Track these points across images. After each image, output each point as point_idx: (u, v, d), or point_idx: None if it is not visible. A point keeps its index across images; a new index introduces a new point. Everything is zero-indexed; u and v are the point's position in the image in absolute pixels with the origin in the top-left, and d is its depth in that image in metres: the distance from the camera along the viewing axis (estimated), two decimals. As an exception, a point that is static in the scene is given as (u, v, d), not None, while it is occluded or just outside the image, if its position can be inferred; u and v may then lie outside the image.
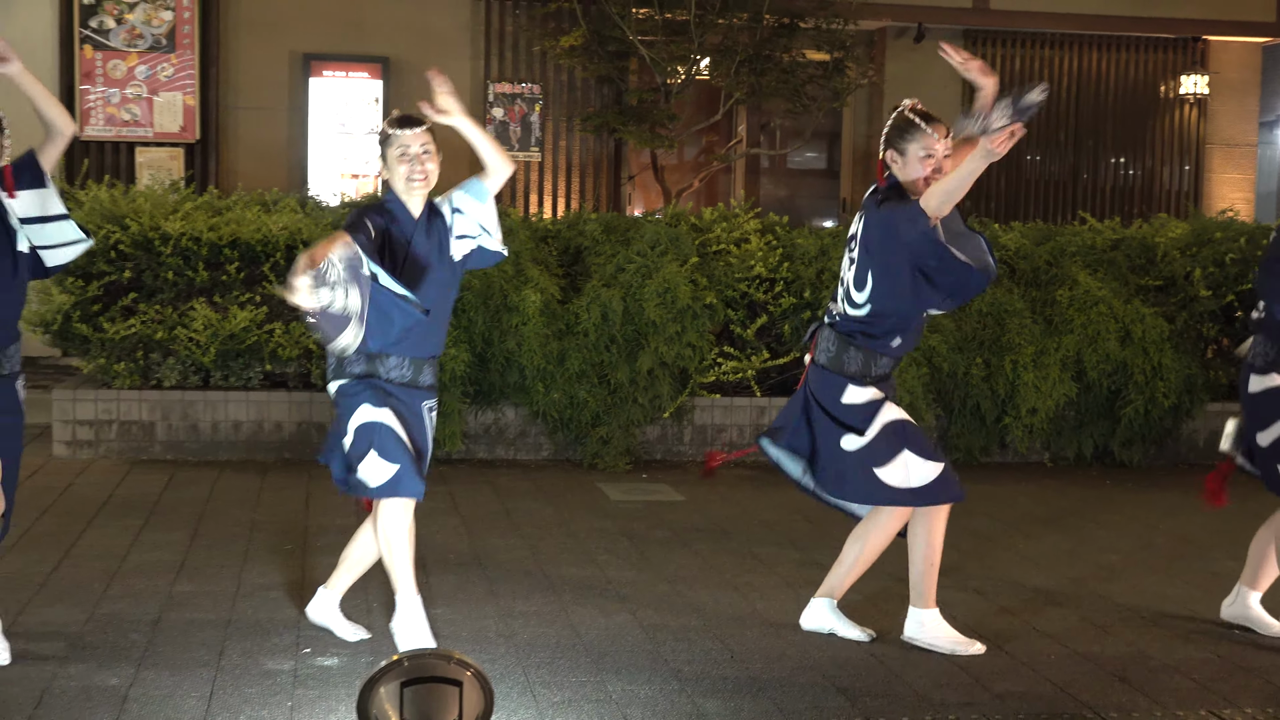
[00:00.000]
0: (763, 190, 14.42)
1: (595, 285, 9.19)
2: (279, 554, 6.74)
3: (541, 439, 9.43)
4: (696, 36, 11.80)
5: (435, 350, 5.30)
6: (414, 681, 3.35)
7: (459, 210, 5.28)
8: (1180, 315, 9.84)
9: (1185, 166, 14.86)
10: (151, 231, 9.10)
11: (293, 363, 9.36)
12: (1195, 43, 14.58)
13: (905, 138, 5.25)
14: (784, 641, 5.54)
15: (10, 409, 5.14)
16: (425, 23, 12.88)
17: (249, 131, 12.76)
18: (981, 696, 4.95)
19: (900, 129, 5.27)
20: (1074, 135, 14.40)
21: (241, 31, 12.70)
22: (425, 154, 5.21)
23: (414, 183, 5.21)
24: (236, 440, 9.23)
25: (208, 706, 4.66)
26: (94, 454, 9.13)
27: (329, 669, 5.08)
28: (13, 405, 5.15)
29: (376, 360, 5.17)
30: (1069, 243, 10.02)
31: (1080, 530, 7.72)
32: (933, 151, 5.20)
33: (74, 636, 5.37)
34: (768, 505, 8.16)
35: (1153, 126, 14.70)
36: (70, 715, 4.54)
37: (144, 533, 7.12)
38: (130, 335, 9.11)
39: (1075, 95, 14.39)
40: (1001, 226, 10.48)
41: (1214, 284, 9.83)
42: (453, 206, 5.28)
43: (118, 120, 12.24)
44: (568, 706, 4.75)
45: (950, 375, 9.26)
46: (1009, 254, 9.84)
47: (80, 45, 12.17)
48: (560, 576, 6.45)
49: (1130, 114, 14.59)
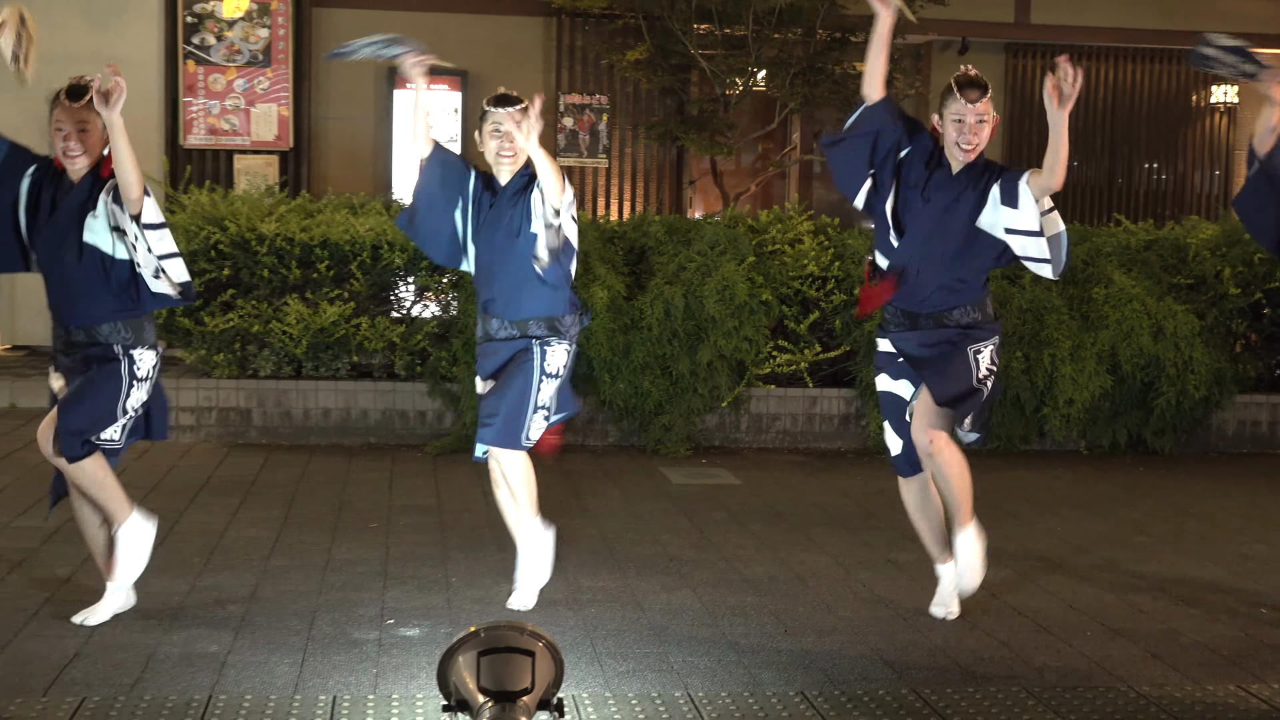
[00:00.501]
0: (815, 194, 14.35)
1: (658, 283, 9.18)
2: (365, 532, 6.77)
3: (608, 426, 9.43)
4: (754, 50, 11.76)
5: (537, 312, 5.36)
6: (490, 651, 3.35)
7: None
8: (1210, 312, 9.73)
9: (1215, 171, 14.67)
10: (248, 233, 9.17)
11: (377, 354, 9.40)
12: (1226, 54, 14.37)
13: (943, 101, 5.31)
14: (834, 616, 5.51)
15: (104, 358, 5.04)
16: (502, 39, 12.89)
17: (338, 140, 12.83)
18: (1022, 670, 4.91)
19: (942, 93, 5.35)
20: (1110, 142, 14.24)
21: (332, 47, 12.76)
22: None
23: (503, 158, 5.30)
24: (326, 426, 9.28)
25: (299, 673, 4.68)
26: (195, 438, 9.22)
27: (411, 639, 5.10)
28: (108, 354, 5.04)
29: (484, 321, 5.43)
30: (1104, 243, 9.91)
31: (1114, 514, 7.63)
32: (960, 116, 5.22)
33: (177, 606, 5.43)
34: (819, 489, 8.13)
35: (1184, 134, 14.52)
36: (174, 680, 4.58)
37: (241, 511, 7.18)
38: (229, 329, 9.18)
39: (1111, 105, 14.22)
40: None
41: (1243, 282, 9.69)
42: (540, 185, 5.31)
43: (217, 130, 12.34)
44: (632, 676, 4.75)
45: (992, 368, 9.18)
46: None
47: (184, 61, 12.27)
48: (625, 554, 6.44)
49: (1163, 122, 14.41)
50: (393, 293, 9.60)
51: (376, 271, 9.34)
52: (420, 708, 4.37)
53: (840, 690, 4.64)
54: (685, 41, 11.81)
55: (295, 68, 12.48)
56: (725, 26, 11.78)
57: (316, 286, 9.31)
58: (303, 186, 12.37)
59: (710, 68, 11.91)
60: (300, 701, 4.41)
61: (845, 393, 9.60)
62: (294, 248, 9.17)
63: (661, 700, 4.51)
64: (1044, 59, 13.99)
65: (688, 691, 4.60)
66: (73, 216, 4.99)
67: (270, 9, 12.36)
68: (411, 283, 9.55)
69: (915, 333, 5.35)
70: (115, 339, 5.05)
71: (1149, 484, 8.62)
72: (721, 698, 4.55)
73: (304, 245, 9.18)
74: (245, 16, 12.39)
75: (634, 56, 12.14)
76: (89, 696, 4.38)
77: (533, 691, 3.34)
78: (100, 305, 5.04)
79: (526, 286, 5.35)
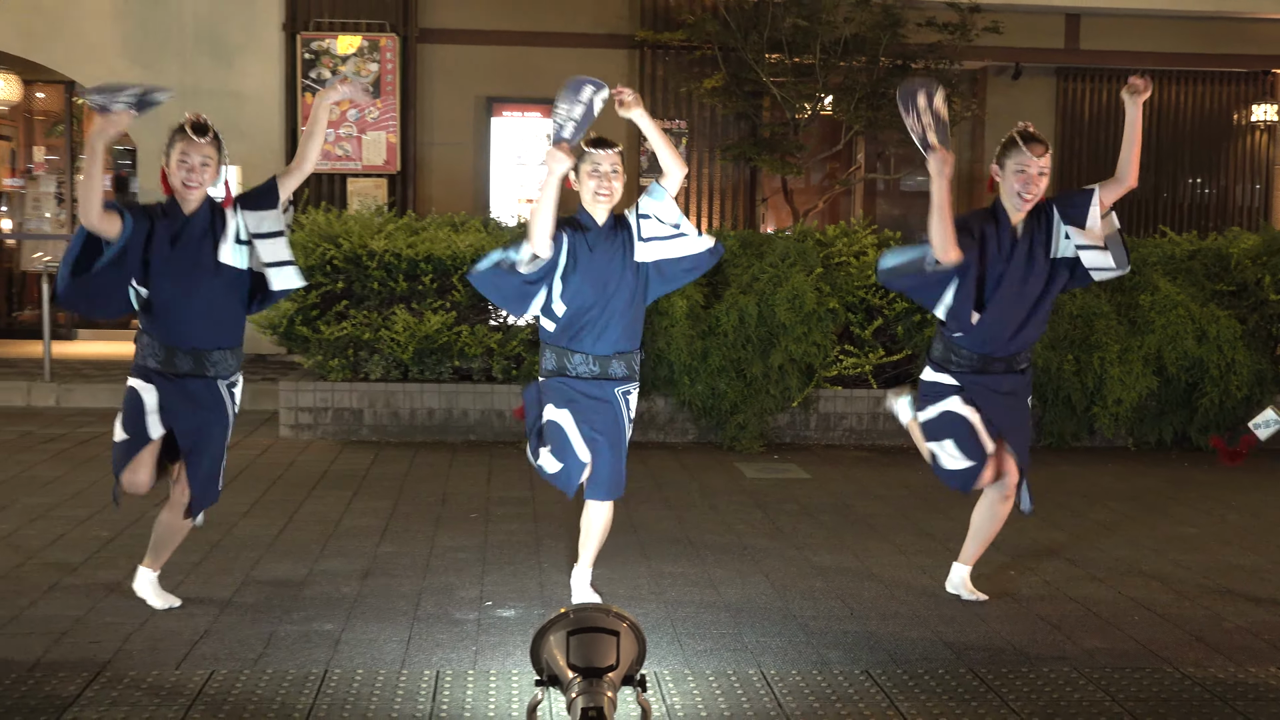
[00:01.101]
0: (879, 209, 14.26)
1: (733, 292, 9.17)
2: (465, 521, 6.81)
3: (687, 424, 9.43)
4: (821, 77, 11.71)
5: (622, 347, 5.18)
6: (578, 631, 3.37)
7: (645, 215, 5.22)
8: (1251, 317, 9.56)
9: (1256, 185, 14.39)
10: (360, 249, 9.26)
11: (477, 359, 9.46)
12: (1265, 76, 14.12)
13: (1006, 153, 5.22)
14: (897, 601, 5.47)
15: (212, 405, 4.99)
16: (590, 70, 12.82)
17: (440, 164, 12.93)
18: (1072, 651, 4.84)
19: (1004, 146, 5.25)
20: (1155, 158, 14.01)
21: (435, 79, 12.87)
22: (614, 173, 5.21)
23: (600, 197, 5.21)
24: (430, 425, 9.36)
25: (406, 650, 4.72)
26: (313, 436, 9.32)
27: (507, 620, 5.12)
28: (215, 402, 5.00)
29: (564, 356, 5.17)
30: (1151, 253, 9.76)
31: (1161, 506, 7.51)
32: (1024, 167, 5.14)
33: (296, 588, 5.48)
34: (883, 483, 8.07)
35: (1227, 150, 14.26)
36: (293, 656, 4.64)
37: (354, 502, 7.25)
38: (342, 336, 9.28)
39: (1156, 123, 14.00)
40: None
41: (1283, 289, 9.52)
42: (638, 214, 5.23)
43: (332, 155, 12.48)
44: (709, 654, 4.74)
45: (1045, 370, 9.08)
46: (1097, 264, 9.62)
47: (302, 93, 12.43)
48: (703, 542, 6.44)
49: (1206, 139, 14.16)
50: (490, 303, 9.66)
51: (475, 283, 9.40)
52: (515, 682, 4.39)
53: (902, 669, 4.61)
54: (758, 70, 11.78)
55: (402, 99, 12.59)
56: (795, 56, 11.75)
57: (421, 297, 9.39)
58: (409, 206, 12.49)
59: (781, 94, 11.87)
60: (406, 676, 4.44)
61: (907, 393, 9.52)
62: (401, 262, 9.25)
63: (736, 677, 4.50)
64: (1093, 82, 13.81)
65: (760, 669, 4.58)
66: (203, 242, 4.93)
67: (379, 46, 12.48)
68: (507, 294, 9.59)
69: (986, 377, 5.26)
70: (221, 369, 5.00)
71: (1193, 478, 8.47)
72: (791, 675, 4.53)
73: (410, 260, 9.26)
74: (357, 53, 12.52)
75: (710, 84, 12.13)
76: (216, 670, 4.45)
77: (617, 668, 3.36)
78: (224, 326, 5.01)
79: (627, 318, 5.22)
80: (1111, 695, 4.38)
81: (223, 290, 4.97)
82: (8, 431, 9.27)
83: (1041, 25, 13.25)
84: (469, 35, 12.78)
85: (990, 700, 4.32)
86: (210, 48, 12.39)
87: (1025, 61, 13.37)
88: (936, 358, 5.35)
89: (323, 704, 4.15)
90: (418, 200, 12.67)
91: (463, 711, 4.12)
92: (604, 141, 5.27)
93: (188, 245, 4.90)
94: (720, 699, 4.28)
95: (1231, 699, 4.37)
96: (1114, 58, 13.51)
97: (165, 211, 4.93)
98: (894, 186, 14.35)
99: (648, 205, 5.22)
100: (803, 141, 12.34)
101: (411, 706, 4.15)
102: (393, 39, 12.49)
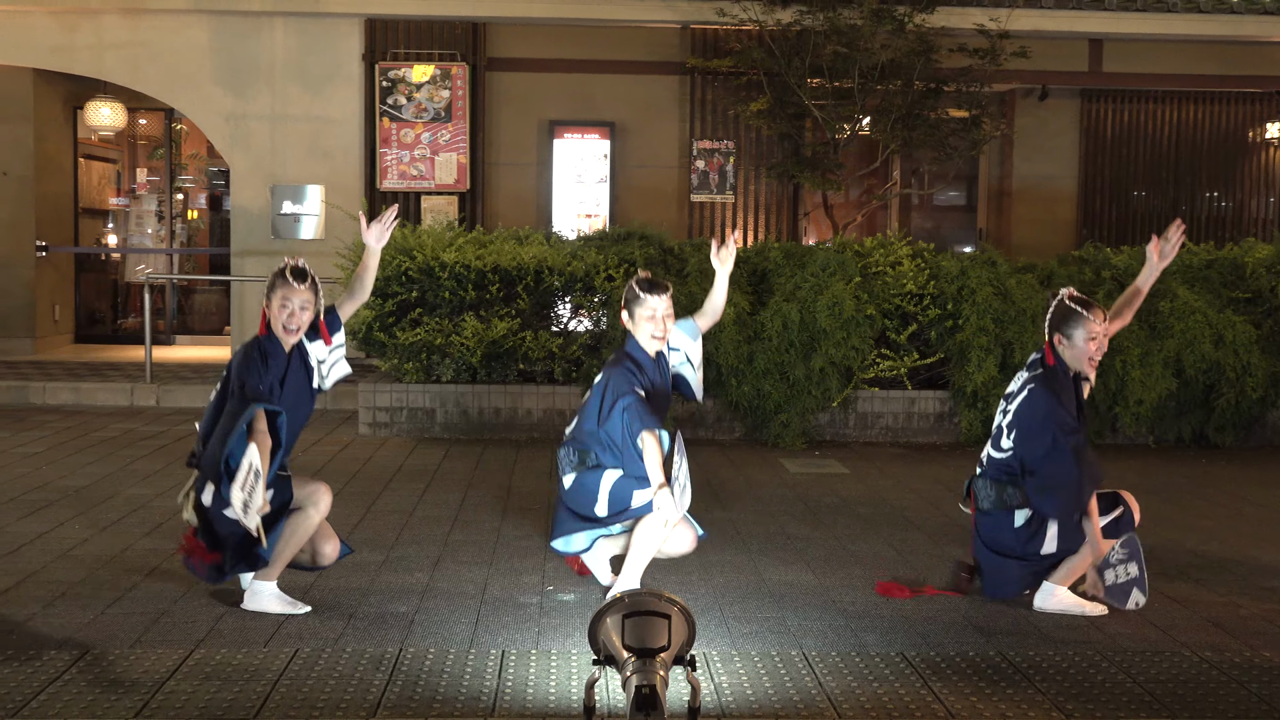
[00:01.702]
0: (913, 223, 14.14)
1: (777, 300, 9.13)
2: (529, 512, 6.82)
3: (734, 423, 9.40)
4: (859, 100, 11.64)
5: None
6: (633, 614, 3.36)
7: (674, 349, 5.41)
8: (1266, 322, 9.41)
9: (1270, 198, 14.14)
10: (432, 261, 9.31)
11: (540, 362, 9.48)
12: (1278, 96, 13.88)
13: (1071, 323, 5.06)
14: (931, 588, 5.42)
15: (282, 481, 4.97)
16: (644, 94, 12.92)
17: (506, 182, 12.96)
18: (1095, 636, 4.78)
19: (1065, 316, 5.07)
20: (1174, 173, 13.80)
21: (501, 104, 12.90)
22: (668, 316, 5.25)
23: (655, 339, 5.29)
24: (497, 423, 9.38)
25: (474, 631, 4.73)
26: (389, 433, 9.38)
27: (568, 603, 5.12)
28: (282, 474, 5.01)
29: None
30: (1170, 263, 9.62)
31: (1180, 501, 7.40)
32: (1095, 334, 5.03)
33: (374, 573, 5.51)
34: (918, 478, 8.00)
35: (1242, 166, 14.02)
36: (370, 635, 4.66)
37: (427, 494, 7.28)
38: (416, 341, 9.33)
39: (1175, 141, 13.79)
40: (1113, 250, 10.13)
41: (1296, 296, 9.36)
42: (670, 346, 5.39)
43: (408, 175, 12.55)
44: (754, 637, 4.71)
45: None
46: (1119, 272, 9.50)
47: (380, 118, 12.50)
48: (749, 533, 6.41)
49: (1222, 155, 13.93)
50: (552, 310, 9.68)
51: (539, 292, 9.42)
52: (575, 661, 4.39)
53: (935, 651, 4.56)
54: (800, 94, 11.73)
55: (471, 122, 12.64)
56: (835, 80, 11.68)
57: (489, 305, 9.42)
58: (477, 221, 12.52)
59: (822, 115, 11.81)
60: (474, 655, 4.45)
61: (940, 394, 9.45)
62: (470, 273, 9.28)
63: (779, 658, 4.47)
64: (1115, 103, 13.63)
65: (802, 650, 4.55)
66: (306, 375, 5.05)
67: (450, 74, 12.53)
68: (568, 301, 9.61)
69: None
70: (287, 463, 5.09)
71: (1211, 474, 8.34)
72: (831, 656, 4.49)
73: (478, 271, 9.29)
74: (430, 80, 12.58)
75: (756, 107, 12.08)
76: (301, 648, 4.48)
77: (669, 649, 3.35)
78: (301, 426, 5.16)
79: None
80: (1133, 678, 4.31)
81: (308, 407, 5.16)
82: (113, 429, 9.39)
83: (1067, 50, 13.09)
84: (533, 64, 12.80)
85: (1018, 681, 4.27)
86: (300, 79, 12.50)
87: (1051, 84, 13.22)
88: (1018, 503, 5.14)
89: (397, 681, 4.17)
90: (486, 216, 12.70)
91: (526, 688, 4.12)
92: (656, 285, 5.29)
93: (294, 381, 5.01)
94: (764, 678, 4.26)
95: (1247, 682, 4.29)
96: (1135, 80, 13.33)
97: (269, 353, 4.95)
98: (927, 201, 14.23)
99: (678, 339, 5.41)
100: (842, 160, 12.25)
101: (479, 683, 4.16)
102: (463, 68, 12.54)
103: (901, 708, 4.01)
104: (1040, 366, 5.13)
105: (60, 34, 12.37)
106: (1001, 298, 9.19)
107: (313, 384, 5.09)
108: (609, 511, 5.11)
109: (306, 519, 4.94)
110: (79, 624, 4.69)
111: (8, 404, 10.58)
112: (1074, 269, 9.70)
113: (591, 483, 5.12)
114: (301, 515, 4.93)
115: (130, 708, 3.88)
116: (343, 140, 12.58)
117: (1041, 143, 13.45)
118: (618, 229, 10.43)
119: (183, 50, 12.43)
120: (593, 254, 9.44)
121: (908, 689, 4.17)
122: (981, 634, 4.78)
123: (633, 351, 5.26)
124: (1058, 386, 5.07)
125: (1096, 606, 5.06)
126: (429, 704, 3.96)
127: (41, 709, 3.86)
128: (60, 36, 12.37)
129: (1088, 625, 4.90)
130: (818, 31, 11.56)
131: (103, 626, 4.67)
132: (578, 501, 5.17)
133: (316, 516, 4.96)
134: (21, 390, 10.72)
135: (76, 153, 14.05)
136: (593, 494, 5.11)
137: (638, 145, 12.95)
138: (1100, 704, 4.06)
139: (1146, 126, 13.67)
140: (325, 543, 5.12)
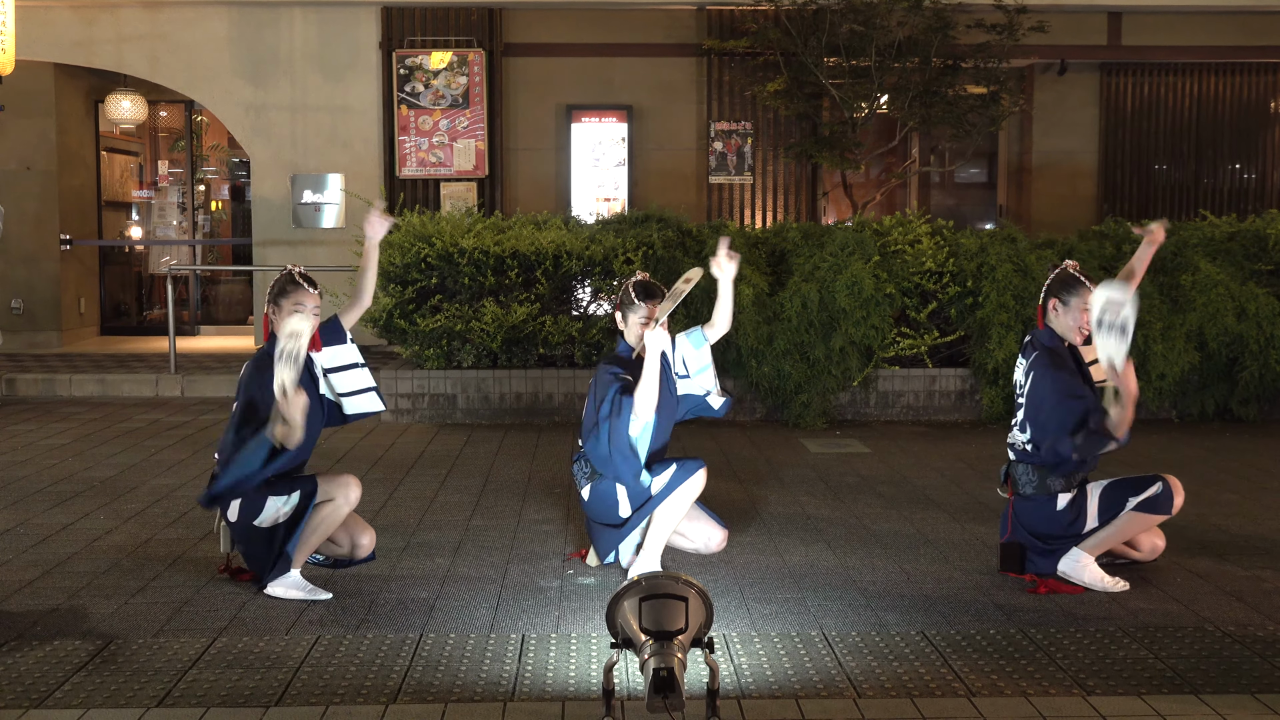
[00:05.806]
0: (932, 201, 14.05)
1: (796, 280, 9.08)
2: (550, 496, 6.82)
3: (755, 403, 9.37)
4: (877, 78, 11.56)
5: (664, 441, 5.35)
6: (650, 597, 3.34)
7: (682, 376, 5.41)
8: (1289, 294, 9.31)
9: (1293, 170, 14.00)
10: (451, 247, 9.30)
11: (560, 347, 9.46)
12: (1300, 66, 13.73)
13: (1070, 290, 5.03)
14: (951, 566, 5.39)
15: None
16: (661, 77, 12.87)
17: (525, 167, 12.94)
18: (1118, 612, 4.73)
19: (1065, 282, 5.06)
20: (1195, 146, 13.66)
21: (519, 90, 12.87)
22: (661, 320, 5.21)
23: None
24: (518, 408, 9.38)
25: (494, 615, 4.73)
26: (411, 420, 9.39)
27: (587, 587, 5.11)
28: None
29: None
30: (1191, 236, 9.55)
31: (1203, 474, 7.33)
32: (1089, 305, 4.93)
33: (395, 559, 5.52)
34: (939, 456, 7.96)
35: (1264, 137, 13.86)
36: (392, 620, 4.66)
37: (448, 479, 7.28)
38: (437, 328, 9.33)
39: (1196, 113, 13.64)
40: (1135, 223, 10.04)
41: (1319, 267, 9.25)
42: (677, 373, 5.39)
43: (426, 162, 12.54)
44: (775, 617, 4.69)
45: (1091, 348, 8.92)
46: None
47: (398, 106, 12.49)
48: (770, 513, 6.38)
49: (1243, 127, 13.78)
50: (571, 295, 9.66)
51: (558, 277, 9.41)
52: (594, 645, 4.38)
53: (956, 630, 4.53)
54: (817, 73, 11.65)
55: (489, 108, 12.62)
56: (852, 59, 11.61)
57: (508, 291, 9.41)
58: (496, 207, 12.51)
59: (839, 94, 11.74)
60: (495, 639, 4.44)
61: (961, 372, 9.39)
62: (489, 259, 9.27)
63: (799, 638, 4.45)
64: (1134, 76, 13.49)
65: (822, 631, 4.53)
66: (313, 385, 5.03)
67: (468, 60, 12.50)
68: (587, 286, 9.59)
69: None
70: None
71: (1234, 448, 8.26)
72: (851, 636, 4.47)
73: (497, 256, 9.28)
74: (447, 67, 12.55)
75: (774, 88, 12.01)
76: (323, 634, 4.48)
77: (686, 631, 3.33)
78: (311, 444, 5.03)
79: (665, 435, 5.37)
80: (1155, 653, 4.27)
81: (319, 419, 5.09)
82: (138, 419, 9.43)
83: (1085, 23, 12.96)
84: (549, 49, 12.76)
85: (1039, 659, 4.23)
86: (320, 67, 12.50)
87: (1070, 58, 13.09)
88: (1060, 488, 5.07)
89: (417, 666, 4.17)
90: (504, 201, 12.69)
91: (546, 672, 4.11)
92: (651, 291, 5.28)
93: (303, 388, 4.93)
94: (784, 659, 4.23)
95: (1270, 656, 4.25)
96: (1155, 52, 13.19)
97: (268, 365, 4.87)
98: (947, 178, 14.13)
99: (684, 347, 5.40)
100: (860, 139, 12.18)
101: (499, 667, 4.15)
102: (480, 54, 12.51)
103: (922, 687, 3.98)
104: (1035, 347, 5.09)
105: (80, 28, 12.41)
106: (1021, 274, 9.12)
107: (320, 391, 5.08)
108: (633, 508, 5.16)
109: (335, 509, 4.95)
110: (103, 614, 4.71)
111: (35, 397, 10.65)
112: (1095, 244, 9.61)
113: (607, 489, 5.18)
114: (330, 506, 4.94)
115: (153, 696, 3.89)
116: (362, 128, 12.58)
117: (1061, 118, 13.32)
118: (636, 212, 10.39)
119: (202, 42, 12.45)
120: (611, 237, 9.42)
121: (928, 668, 4.14)
122: (1003, 612, 4.75)
123: (623, 352, 5.31)
124: (1058, 361, 5.03)
125: (1119, 582, 5.01)
126: (449, 689, 3.96)
127: (65, 698, 3.87)
128: (80, 30, 12.41)
129: (1109, 601, 4.85)
130: (834, 10, 11.48)
131: (126, 616, 4.69)
132: (601, 512, 5.22)
133: (345, 507, 4.97)
134: (49, 383, 10.78)
135: (99, 146, 14.10)
136: (612, 499, 5.17)
137: (655, 128, 12.89)
138: (1122, 680, 4.02)
139: (1167, 99, 13.52)
140: (363, 534, 5.17)
